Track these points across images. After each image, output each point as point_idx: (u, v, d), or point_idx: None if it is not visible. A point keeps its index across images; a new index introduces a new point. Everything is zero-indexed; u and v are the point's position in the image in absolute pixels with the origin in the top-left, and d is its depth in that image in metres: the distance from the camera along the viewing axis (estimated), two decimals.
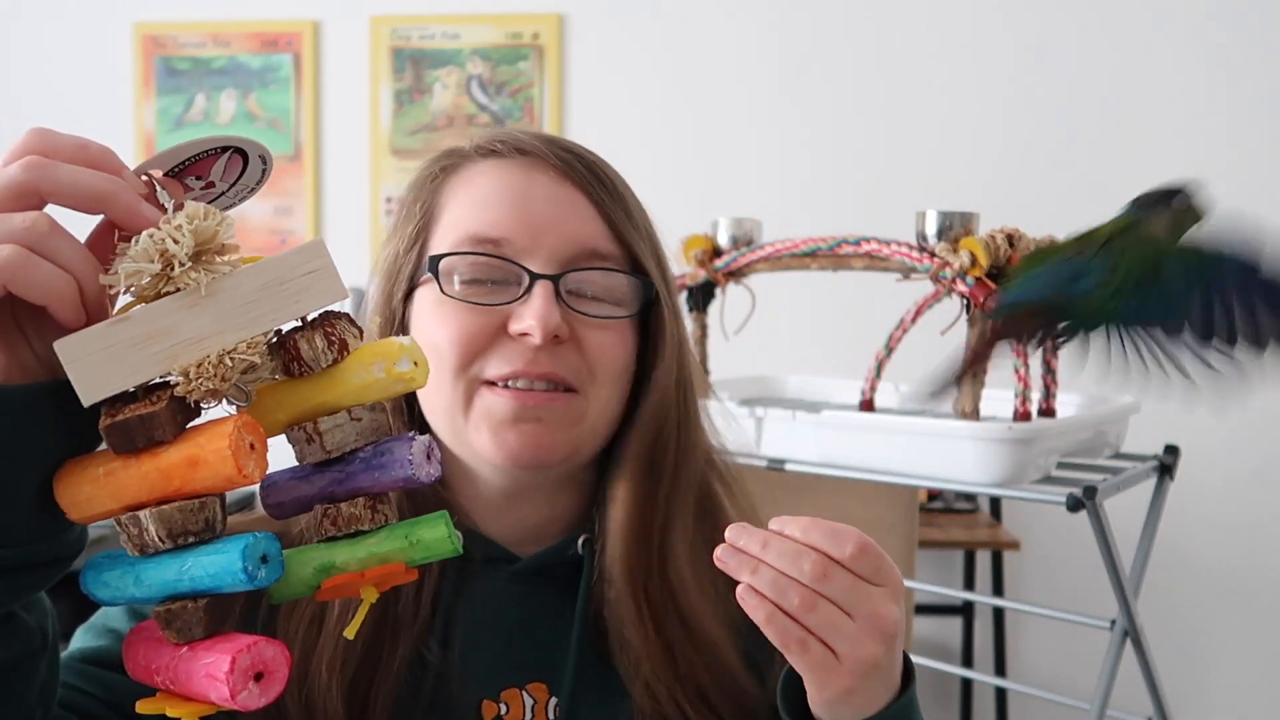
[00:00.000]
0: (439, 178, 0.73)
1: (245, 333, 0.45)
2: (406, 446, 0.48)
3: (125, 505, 0.45)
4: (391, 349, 0.47)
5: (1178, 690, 2.29)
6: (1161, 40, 2.46)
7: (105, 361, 0.43)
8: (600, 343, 0.68)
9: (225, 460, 0.43)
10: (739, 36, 2.57)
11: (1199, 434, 2.33)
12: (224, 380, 0.44)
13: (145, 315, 0.44)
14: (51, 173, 0.44)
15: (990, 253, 1.04)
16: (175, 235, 0.44)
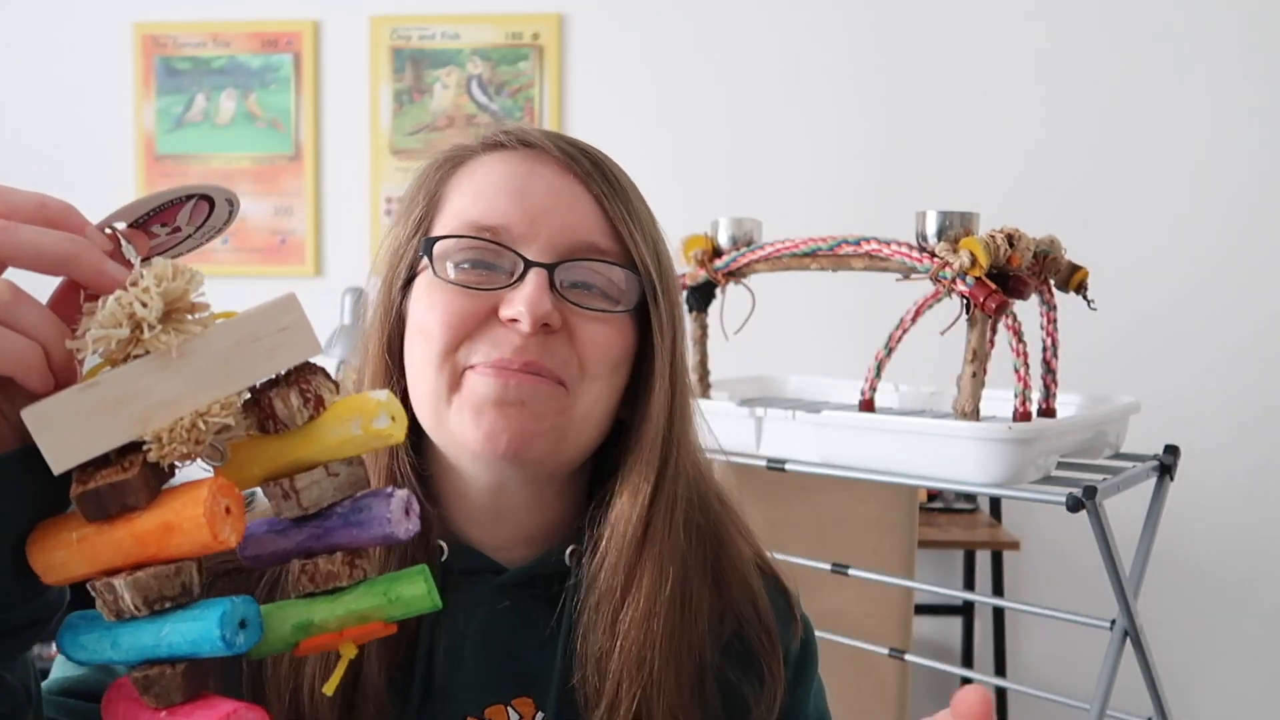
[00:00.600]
0: (444, 169, 0.72)
1: (218, 392, 0.44)
2: (385, 503, 0.48)
3: (101, 569, 0.44)
4: (369, 405, 0.46)
5: (1178, 690, 2.29)
6: (1162, 40, 2.46)
7: (75, 428, 0.42)
8: (592, 336, 0.67)
9: (200, 528, 0.43)
10: (739, 36, 2.57)
11: (1199, 434, 2.34)
12: (198, 443, 0.43)
13: (115, 379, 0.43)
14: (11, 236, 0.43)
15: (990, 253, 1.04)
16: (143, 298, 0.43)
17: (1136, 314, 2.45)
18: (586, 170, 0.70)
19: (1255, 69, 2.44)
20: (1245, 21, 2.44)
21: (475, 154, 0.71)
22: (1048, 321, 1.18)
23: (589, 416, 0.68)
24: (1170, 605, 2.46)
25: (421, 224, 0.71)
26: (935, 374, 1.42)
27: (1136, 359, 2.46)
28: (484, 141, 0.72)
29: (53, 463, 0.42)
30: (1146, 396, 1.40)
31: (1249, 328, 2.46)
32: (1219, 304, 2.46)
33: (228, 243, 2.68)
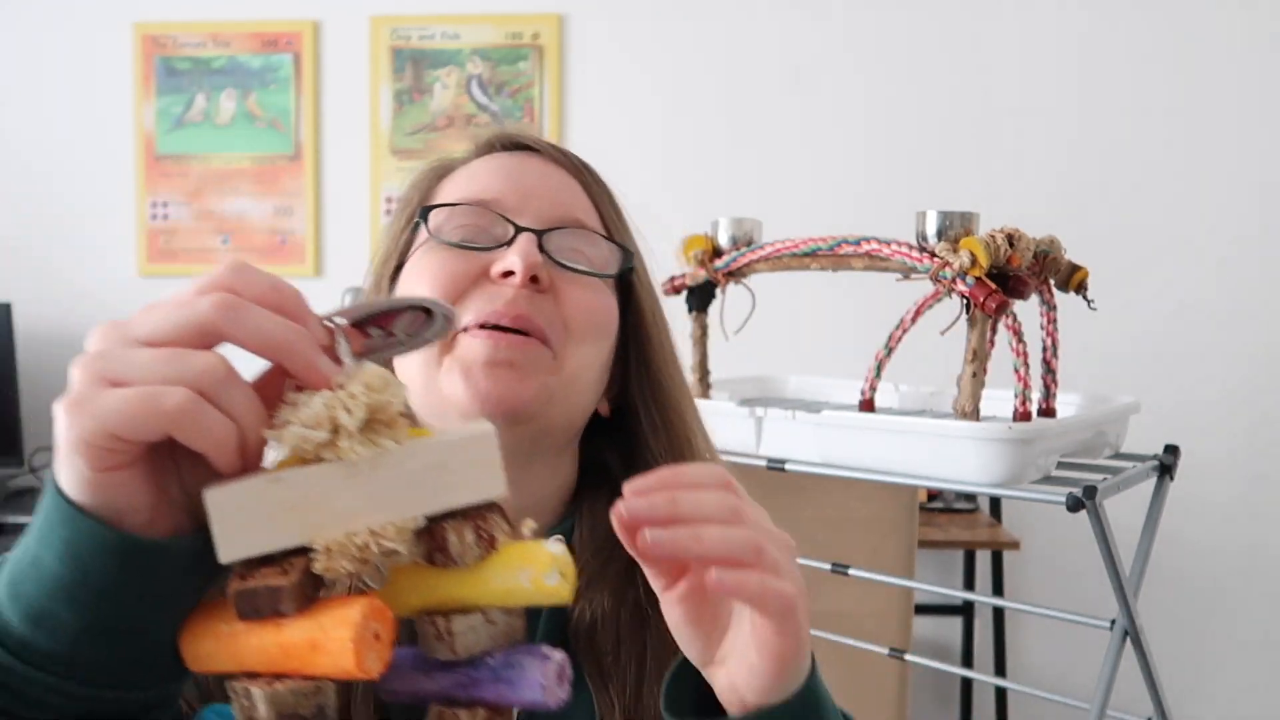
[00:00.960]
0: (437, 171, 0.75)
1: (395, 514, 0.43)
2: (540, 666, 0.45)
3: (243, 669, 0.43)
4: (542, 558, 0.44)
5: (1178, 690, 2.29)
6: (1167, 41, 2.46)
7: (252, 521, 0.41)
8: (579, 297, 0.69)
9: (346, 652, 0.41)
10: (739, 36, 2.57)
11: (1199, 434, 2.34)
12: (364, 562, 0.42)
13: (301, 480, 0.42)
14: (240, 316, 0.42)
15: (990, 253, 1.04)
16: (349, 404, 0.42)
17: (1136, 314, 2.45)
18: (573, 164, 0.75)
19: (1262, 72, 2.44)
20: (1253, 26, 2.44)
21: (464, 159, 0.75)
22: (1048, 321, 1.18)
23: (576, 380, 0.68)
24: (1170, 605, 2.46)
25: (414, 218, 0.73)
26: (935, 374, 1.42)
27: (1136, 359, 2.46)
28: (476, 147, 0.76)
29: (222, 552, 0.41)
30: (1146, 396, 1.40)
31: (1249, 327, 2.46)
32: (1219, 303, 2.46)
33: (228, 242, 2.68)
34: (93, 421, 0.40)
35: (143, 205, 2.68)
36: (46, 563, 0.42)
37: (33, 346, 2.62)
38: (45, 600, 0.42)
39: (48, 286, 2.67)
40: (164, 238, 2.68)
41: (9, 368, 2.50)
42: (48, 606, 0.42)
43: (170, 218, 2.68)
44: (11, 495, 2.54)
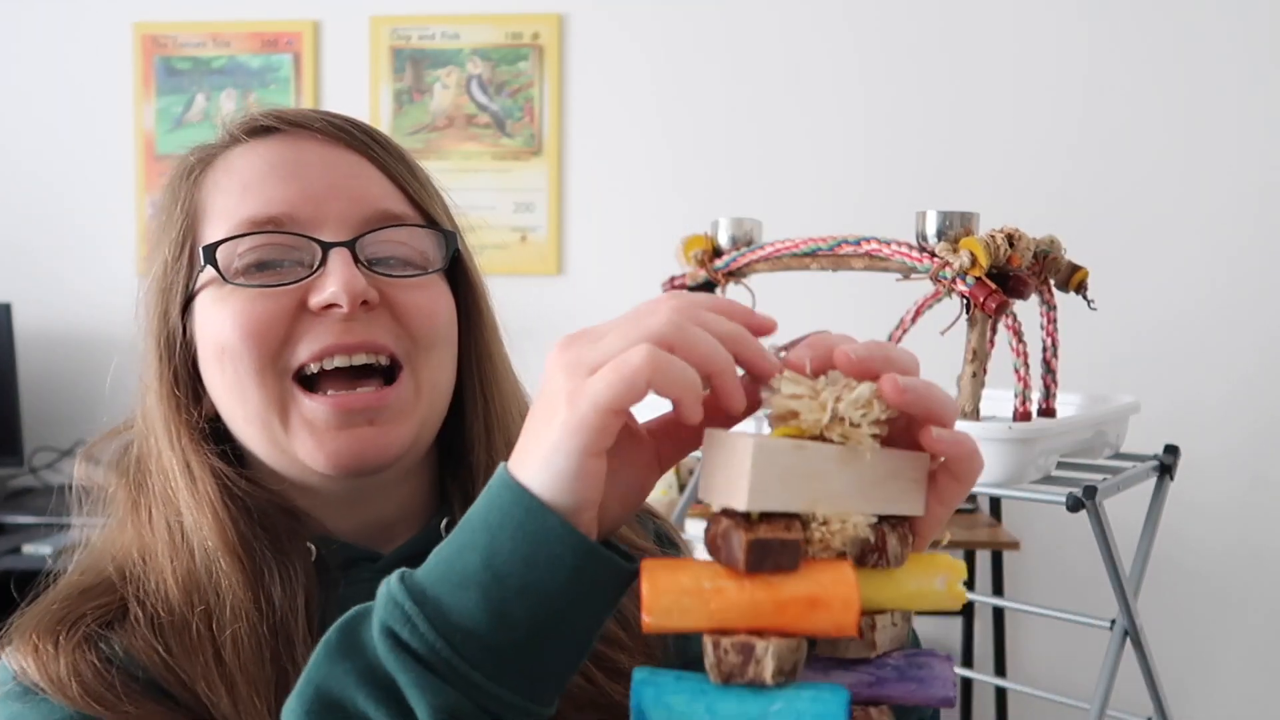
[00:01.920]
0: (195, 172, 0.65)
1: (865, 508, 0.44)
2: (947, 666, 0.46)
3: (717, 626, 0.42)
4: (956, 566, 0.46)
5: (1178, 690, 2.29)
6: (1163, 41, 2.46)
7: (775, 477, 0.42)
8: (415, 302, 0.62)
9: (850, 610, 0.41)
10: (739, 36, 2.57)
11: (1199, 434, 2.34)
12: (843, 544, 0.44)
13: (817, 453, 0.43)
14: (693, 316, 0.44)
15: (990, 253, 1.04)
16: (868, 408, 0.44)
17: (1137, 314, 2.45)
18: (358, 139, 0.64)
19: (1263, 71, 2.44)
20: (1255, 26, 2.44)
21: (226, 146, 0.65)
22: (1048, 321, 1.18)
23: (436, 389, 0.64)
24: (1170, 605, 2.46)
25: (186, 239, 0.63)
26: (935, 374, 1.41)
27: (1136, 359, 2.46)
28: (232, 132, 0.65)
29: (750, 497, 0.41)
30: (1146, 396, 1.40)
31: (1250, 327, 2.46)
32: (1220, 303, 2.46)
33: None
34: (587, 402, 0.42)
35: (143, 205, 2.68)
36: (507, 560, 0.43)
37: (33, 346, 2.62)
38: (506, 597, 0.43)
39: (48, 286, 2.67)
40: None
41: (9, 368, 2.50)
42: (508, 604, 0.43)
43: None
44: (11, 495, 2.54)
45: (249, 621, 0.61)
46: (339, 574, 0.65)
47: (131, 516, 0.67)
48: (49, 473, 2.65)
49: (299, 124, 0.64)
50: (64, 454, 2.65)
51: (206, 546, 0.63)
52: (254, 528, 0.63)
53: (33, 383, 2.62)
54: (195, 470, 0.63)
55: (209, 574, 0.62)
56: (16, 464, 2.52)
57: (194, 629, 0.62)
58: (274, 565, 0.62)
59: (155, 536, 0.65)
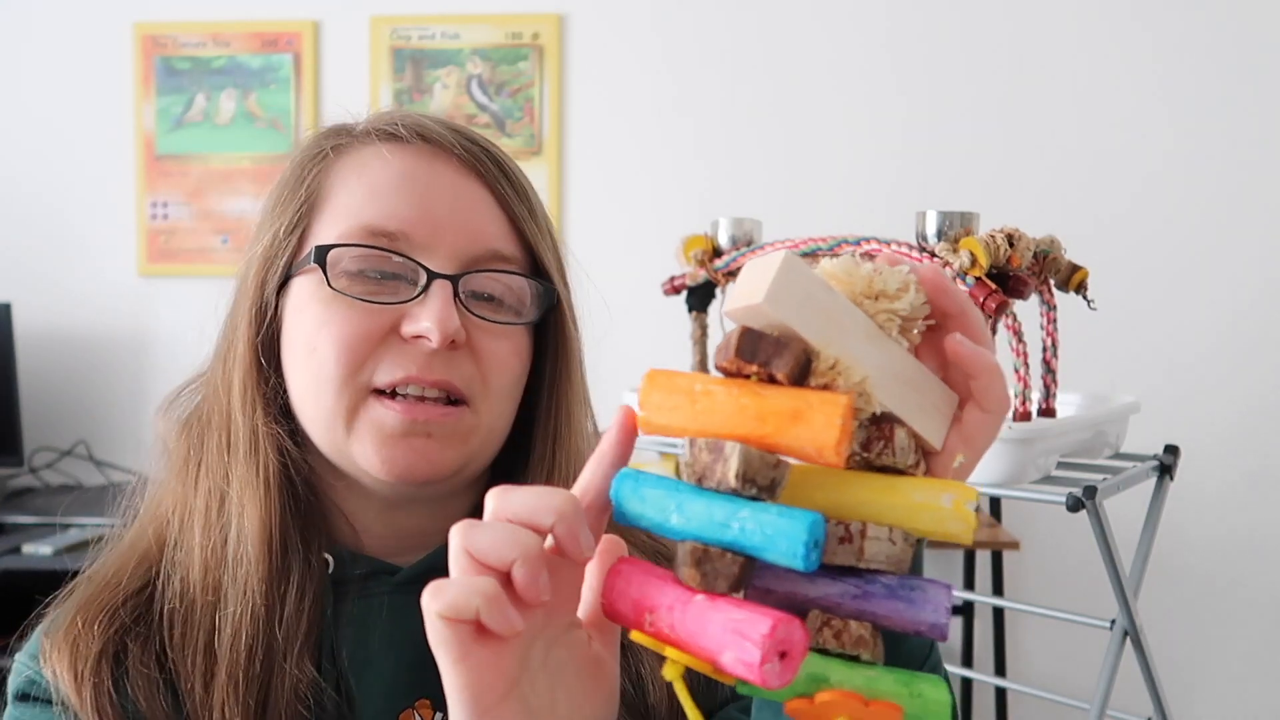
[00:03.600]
0: (328, 157, 0.66)
1: (877, 387, 0.43)
2: (942, 592, 0.44)
3: (701, 430, 0.43)
4: (968, 490, 0.44)
5: (1178, 690, 2.30)
6: (1165, 41, 2.46)
7: (797, 293, 0.42)
8: (496, 351, 0.64)
9: (831, 427, 0.40)
10: (739, 36, 2.56)
11: (1199, 434, 2.34)
12: (839, 389, 0.43)
13: (845, 305, 0.44)
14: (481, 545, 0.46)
15: (990, 253, 1.04)
16: (904, 290, 0.45)
17: (1137, 314, 2.45)
18: (489, 170, 0.65)
19: (1265, 71, 2.44)
20: (1256, 26, 2.43)
21: (364, 142, 0.66)
22: (1048, 321, 1.18)
23: (492, 432, 0.65)
24: (1170, 605, 2.46)
25: (302, 220, 0.65)
26: None
27: (1136, 359, 2.46)
28: (375, 129, 0.66)
29: (766, 295, 0.41)
30: (1146, 396, 1.40)
31: (1250, 326, 2.46)
32: (1220, 303, 2.46)
33: (228, 242, 2.68)
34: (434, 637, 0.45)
35: (142, 205, 2.68)
36: None
37: (33, 346, 2.62)
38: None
39: (48, 286, 2.67)
40: (164, 238, 2.68)
41: (9, 368, 2.50)
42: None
43: (170, 218, 2.68)
44: (11, 495, 2.54)
45: (252, 615, 0.62)
46: (355, 585, 0.66)
47: (181, 475, 0.67)
48: (49, 473, 2.65)
49: (438, 142, 0.65)
50: (64, 454, 2.65)
51: (242, 527, 0.63)
52: (295, 520, 0.64)
53: (33, 383, 2.62)
54: (261, 441, 0.64)
55: (235, 557, 0.63)
56: (16, 464, 2.52)
57: (199, 609, 0.63)
58: (297, 570, 0.63)
59: (196, 505, 0.66)
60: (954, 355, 0.46)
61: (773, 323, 0.42)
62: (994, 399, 0.47)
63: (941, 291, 0.46)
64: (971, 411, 0.47)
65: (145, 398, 2.66)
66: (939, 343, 0.47)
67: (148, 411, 2.67)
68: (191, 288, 2.65)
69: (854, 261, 0.45)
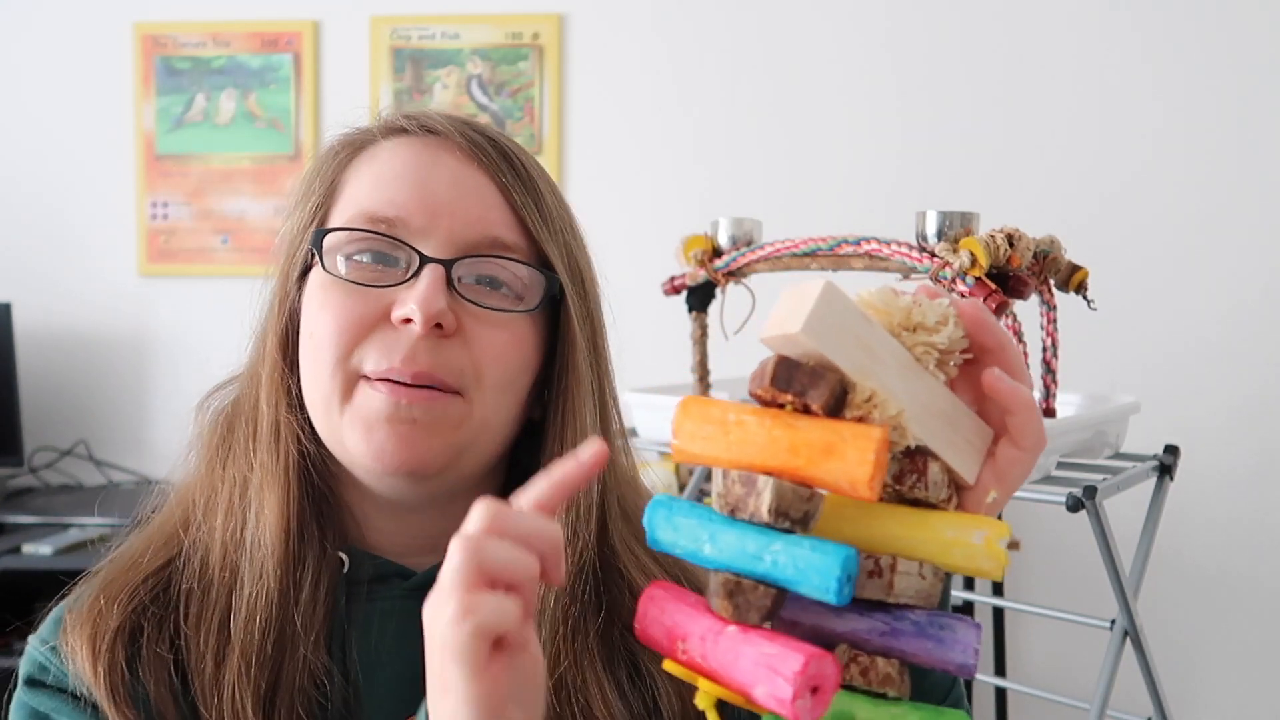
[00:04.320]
0: (344, 155, 0.68)
1: (912, 420, 0.44)
2: (972, 632, 0.43)
3: (734, 461, 0.43)
4: (1001, 526, 0.44)
5: (1178, 690, 2.29)
6: (1165, 41, 2.46)
7: (833, 324, 0.42)
8: (490, 341, 0.63)
9: (864, 463, 0.40)
10: (739, 37, 2.56)
11: (1199, 434, 2.34)
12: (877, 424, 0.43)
13: (882, 336, 0.44)
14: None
15: (990, 253, 1.04)
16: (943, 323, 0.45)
17: (1137, 314, 2.45)
18: (493, 160, 0.65)
19: (1267, 71, 2.44)
20: (1258, 26, 2.43)
21: (376, 139, 0.67)
22: (1048, 321, 1.18)
23: (488, 427, 0.64)
24: (1170, 605, 2.46)
25: (318, 212, 0.67)
26: None
27: (1137, 359, 2.46)
28: (385, 125, 0.68)
29: (804, 324, 0.42)
30: (1146, 396, 1.40)
31: (1250, 326, 2.46)
32: (1220, 303, 2.46)
33: (228, 242, 2.68)
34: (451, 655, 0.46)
35: (142, 205, 2.68)
36: None
37: (33, 346, 2.62)
38: None
39: (48, 286, 2.67)
40: (164, 238, 2.68)
41: (9, 368, 2.50)
42: None
43: (170, 218, 2.68)
44: (11, 495, 2.54)
45: (267, 598, 0.63)
46: (367, 588, 0.66)
47: (210, 463, 0.69)
48: (49, 473, 2.65)
49: (441, 132, 0.65)
50: (64, 454, 2.65)
51: (261, 512, 0.64)
52: (312, 510, 0.65)
53: (33, 383, 2.62)
54: (283, 433, 0.65)
55: (254, 541, 0.64)
56: (16, 464, 2.52)
57: (216, 593, 0.64)
58: (312, 559, 0.64)
59: (221, 491, 0.67)
60: (991, 390, 0.46)
61: (809, 352, 0.42)
62: (1030, 436, 0.46)
63: (981, 326, 0.46)
64: (1006, 448, 0.47)
65: (145, 398, 2.66)
66: (975, 376, 0.47)
67: (148, 411, 2.67)
68: (191, 288, 2.65)
69: (892, 292, 0.45)
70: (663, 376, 1.59)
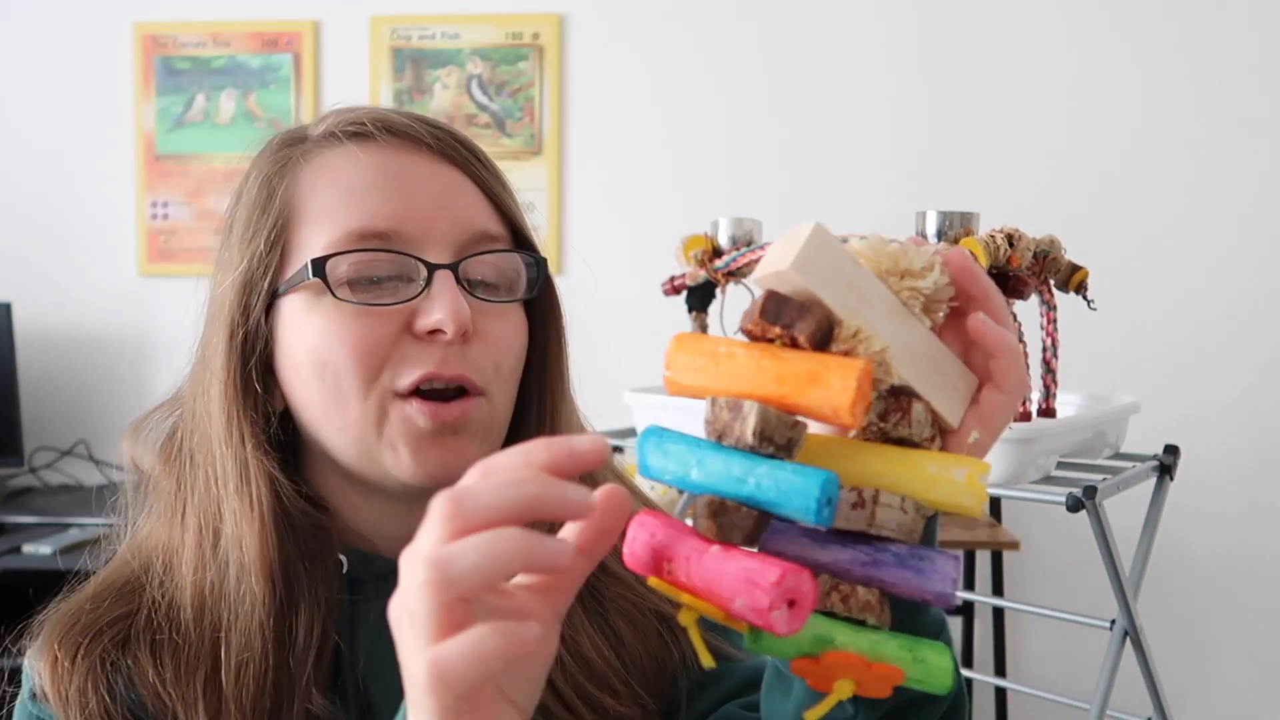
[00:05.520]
0: (291, 165, 0.64)
1: (896, 359, 0.45)
2: (951, 563, 0.45)
3: (723, 390, 0.44)
4: (981, 465, 0.45)
5: (1178, 690, 2.29)
6: (1167, 41, 2.46)
7: (823, 263, 0.44)
8: (500, 334, 0.63)
9: (846, 390, 0.41)
10: (739, 37, 2.56)
11: (1200, 434, 2.34)
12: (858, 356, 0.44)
13: (870, 279, 0.45)
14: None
15: (990, 253, 1.04)
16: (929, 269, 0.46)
17: (1137, 314, 2.45)
18: (461, 153, 0.65)
19: (1269, 71, 2.44)
20: (1260, 27, 2.43)
21: (327, 145, 0.64)
22: (1048, 321, 1.18)
23: (506, 415, 0.65)
24: (1170, 605, 2.46)
25: (280, 235, 0.63)
26: None
27: (1137, 359, 2.46)
28: (337, 130, 0.64)
29: (796, 261, 0.43)
30: (1146, 396, 1.40)
31: (1251, 326, 2.46)
32: (1220, 303, 2.46)
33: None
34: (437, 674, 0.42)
35: (142, 205, 2.68)
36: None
37: (33, 346, 2.62)
38: None
39: (48, 286, 2.67)
40: (164, 238, 2.68)
41: (9, 368, 2.50)
42: None
43: (170, 217, 2.68)
44: (11, 495, 2.54)
45: (261, 649, 0.61)
46: (372, 587, 0.64)
47: (169, 511, 0.66)
48: (49, 473, 2.65)
49: (407, 134, 0.63)
50: (64, 454, 2.65)
51: (242, 562, 0.62)
52: (298, 548, 0.62)
53: (33, 383, 2.62)
54: (252, 473, 0.62)
55: (237, 592, 0.62)
56: (16, 464, 2.52)
57: (196, 648, 0.61)
58: (307, 596, 0.62)
59: (185, 540, 0.64)
60: (976, 334, 0.47)
61: (799, 288, 0.44)
62: (1012, 380, 0.48)
63: (967, 274, 0.47)
64: (989, 392, 0.48)
65: (145, 398, 2.66)
66: (962, 326, 0.48)
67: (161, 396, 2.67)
68: (191, 288, 2.64)
69: (881, 240, 0.47)
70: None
